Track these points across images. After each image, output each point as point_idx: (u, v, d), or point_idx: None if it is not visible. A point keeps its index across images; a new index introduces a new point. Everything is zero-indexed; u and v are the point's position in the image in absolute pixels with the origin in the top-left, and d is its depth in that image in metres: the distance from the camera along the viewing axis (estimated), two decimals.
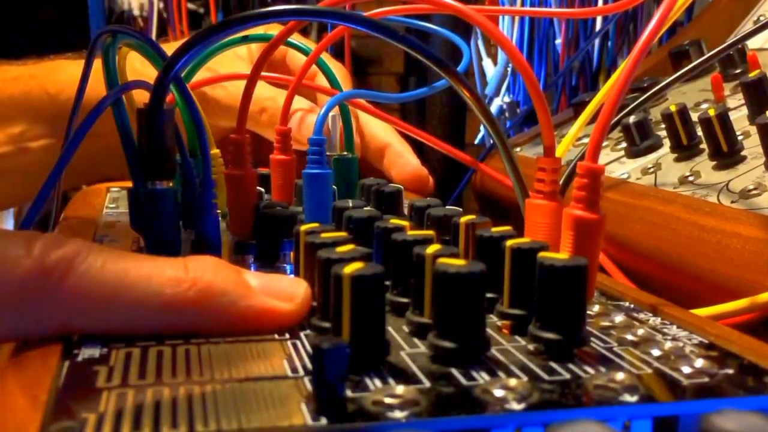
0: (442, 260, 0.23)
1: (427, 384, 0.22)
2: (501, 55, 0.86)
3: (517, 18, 0.85)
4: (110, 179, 0.57)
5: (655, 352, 0.24)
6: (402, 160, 0.59)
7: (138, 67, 0.41)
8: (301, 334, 0.26)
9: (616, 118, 0.45)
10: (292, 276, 0.30)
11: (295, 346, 0.25)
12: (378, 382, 0.22)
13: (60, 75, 0.41)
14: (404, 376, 0.22)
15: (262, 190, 0.45)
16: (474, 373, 0.22)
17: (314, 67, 0.46)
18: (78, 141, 0.32)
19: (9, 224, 0.94)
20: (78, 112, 0.40)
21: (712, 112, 0.42)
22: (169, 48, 0.32)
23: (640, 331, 0.26)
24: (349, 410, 0.20)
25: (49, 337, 0.24)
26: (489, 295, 0.27)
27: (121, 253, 0.25)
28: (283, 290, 0.26)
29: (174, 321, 0.24)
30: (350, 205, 0.36)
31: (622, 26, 0.80)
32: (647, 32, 0.28)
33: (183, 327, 0.25)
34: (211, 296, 0.24)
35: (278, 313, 0.25)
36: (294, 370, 0.23)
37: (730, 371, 0.23)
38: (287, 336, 0.26)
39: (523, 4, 0.84)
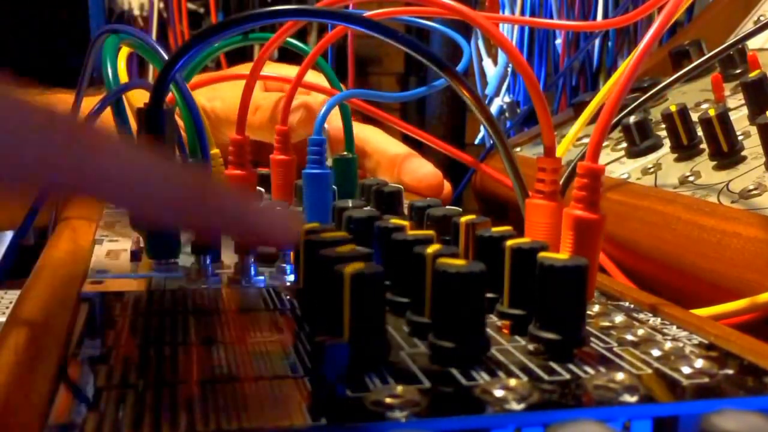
0: (442, 260, 0.23)
1: (427, 384, 0.22)
2: (501, 55, 0.86)
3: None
4: None
5: (655, 353, 0.24)
6: (413, 165, 0.59)
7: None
8: (301, 334, 0.26)
9: (616, 118, 0.45)
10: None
11: (295, 346, 0.25)
12: (378, 382, 0.22)
13: (68, 107, 0.41)
14: (404, 376, 0.22)
15: (262, 190, 0.45)
16: (474, 373, 0.22)
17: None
18: None
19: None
20: (78, 110, 0.40)
21: (712, 112, 0.42)
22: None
23: (640, 332, 0.26)
24: (349, 410, 0.20)
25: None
26: (489, 295, 0.27)
27: (140, 147, 0.25)
28: (277, 220, 0.26)
29: (179, 214, 0.24)
30: (350, 205, 0.36)
31: (623, 27, 0.80)
32: (649, 35, 0.28)
33: (189, 221, 0.24)
34: (213, 199, 0.24)
35: (267, 237, 0.25)
36: (294, 370, 0.23)
37: (730, 371, 0.23)
38: (287, 336, 0.26)
39: (523, 9, 0.84)
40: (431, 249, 0.25)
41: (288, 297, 0.30)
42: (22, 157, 0.20)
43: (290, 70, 0.52)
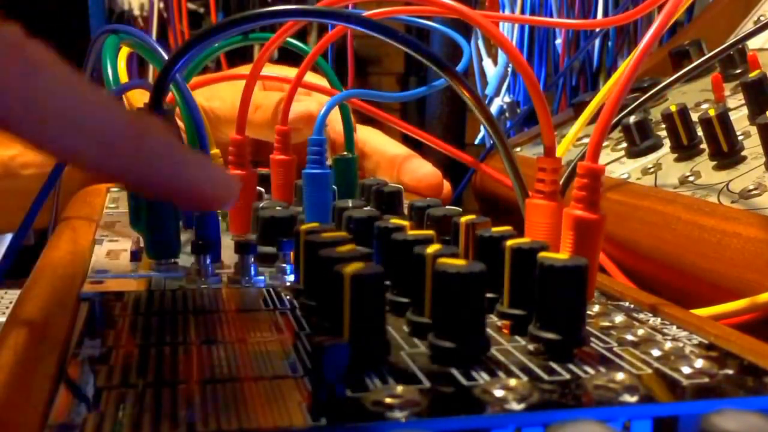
0: (442, 260, 0.23)
1: (427, 384, 0.22)
2: (501, 55, 0.86)
3: None
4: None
5: (655, 353, 0.24)
6: (413, 165, 0.59)
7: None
8: (301, 334, 0.26)
9: (616, 119, 0.45)
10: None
11: (295, 346, 0.25)
12: (378, 382, 0.22)
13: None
14: (404, 376, 0.22)
15: (262, 190, 0.45)
16: (474, 373, 0.22)
17: None
18: None
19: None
20: None
21: (712, 112, 0.42)
22: None
23: (640, 332, 0.26)
24: (349, 410, 0.20)
25: None
26: (489, 295, 0.27)
27: (77, 75, 0.22)
28: (217, 175, 0.25)
29: (109, 156, 0.22)
30: (350, 205, 0.36)
31: (623, 27, 0.80)
32: (649, 35, 0.28)
33: (116, 166, 0.22)
34: (148, 147, 0.23)
35: (203, 193, 0.24)
36: (294, 370, 0.23)
37: (730, 371, 0.23)
38: (287, 336, 0.26)
39: (523, 8, 0.84)
40: (431, 249, 0.25)
41: (288, 297, 0.30)
42: None
43: (290, 72, 0.52)
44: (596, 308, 0.29)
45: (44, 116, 0.21)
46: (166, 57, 0.35)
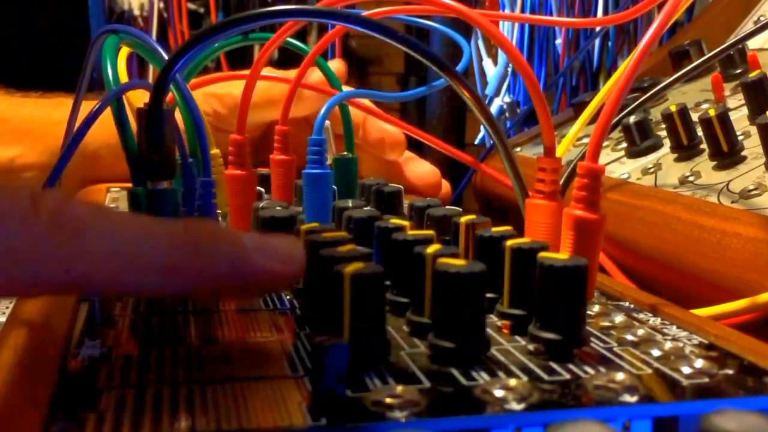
0: (442, 260, 0.23)
1: (427, 384, 0.22)
2: (501, 55, 0.86)
3: None
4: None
5: (655, 353, 0.24)
6: (411, 165, 0.59)
7: None
8: (302, 334, 0.26)
9: (616, 119, 0.45)
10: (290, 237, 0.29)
11: (295, 346, 0.25)
12: (378, 382, 0.22)
13: (68, 108, 0.41)
14: (404, 376, 0.22)
15: (262, 190, 0.45)
16: (474, 373, 0.22)
17: None
18: (79, 140, 0.32)
19: None
20: (77, 111, 0.40)
21: (712, 112, 0.42)
22: None
23: (640, 332, 0.26)
24: (349, 410, 0.20)
25: (49, 294, 0.23)
26: (489, 295, 0.27)
27: (124, 215, 0.25)
28: (280, 251, 0.25)
29: (172, 281, 0.24)
30: (350, 205, 0.36)
31: (623, 27, 0.80)
32: (649, 35, 0.28)
33: (181, 287, 0.24)
34: (207, 256, 0.24)
35: (273, 274, 0.25)
36: (294, 370, 0.23)
37: (730, 371, 0.23)
38: (287, 336, 0.26)
39: (523, 8, 0.84)
40: (431, 249, 0.25)
41: (288, 297, 0.30)
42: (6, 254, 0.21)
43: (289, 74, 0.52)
44: (596, 308, 0.29)
45: (100, 268, 0.22)
46: (166, 57, 0.35)
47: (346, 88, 0.51)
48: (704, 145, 0.44)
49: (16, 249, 0.21)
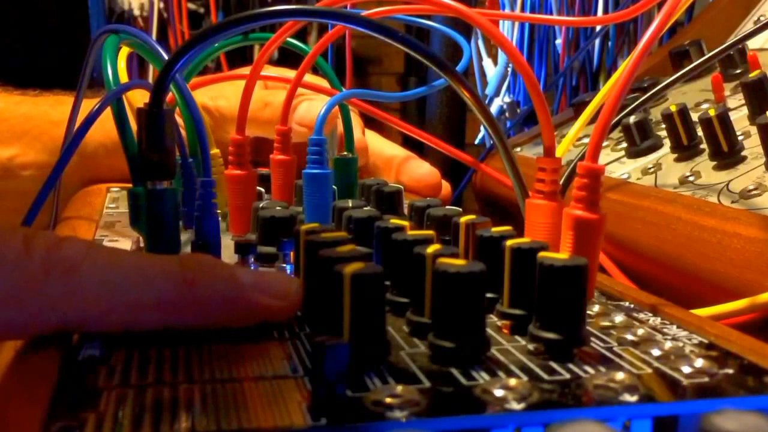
0: (442, 260, 0.23)
1: (427, 384, 0.22)
2: (501, 55, 0.86)
3: None
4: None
5: (655, 352, 0.24)
6: (411, 165, 0.59)
7: None
8: (302, 334, 0.26)
9: (616, 119, 0.45)
10: (286, 273, 0.30)
11: (295, 346, 0.25)
12: (378, 382, 0.22)
13: (66, 107, 0.41)
14: (404, 376, 0.22)
15: (262, 190, 0.45)
16: (474, 373, 0.22)
17: None
18: (79, 140, 0.32)
19: None
20: (78, 110, 0.40)
21: (712, 112, 0.42)
22: None
23: (640, 331, 0.26)
24: (349, 410, 0.20)
25: (46, 334, 0.24)
26: (489, 295, 0.27)
27: (117, 252, 0.25)
28: (275, 287, 0.26)
29: (168, 316, 0.24)
30: (350, 205, 0.36)
31: (623, 27, 0.80)
32: (648, 34, 0.28)
33: (177, 322, 0.25)
34: (203, 292, 0.24)
35: (269, 309, 0.25)
36: (294, 370, 0.23)
37: (730, 371, 0.23)
38: (287, 336, 0.26)
39: (523, 7, 0.84)
40: (431, 249, 0.25)
41: None
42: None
43: (289, 74, 0.52)
44: (596, 308, 0.29)
45: (94, 304, 0.23)
46: (166, 57, 0.35)
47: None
48: (704, 145, 0.44)
49: (11, 292, 0.22)
